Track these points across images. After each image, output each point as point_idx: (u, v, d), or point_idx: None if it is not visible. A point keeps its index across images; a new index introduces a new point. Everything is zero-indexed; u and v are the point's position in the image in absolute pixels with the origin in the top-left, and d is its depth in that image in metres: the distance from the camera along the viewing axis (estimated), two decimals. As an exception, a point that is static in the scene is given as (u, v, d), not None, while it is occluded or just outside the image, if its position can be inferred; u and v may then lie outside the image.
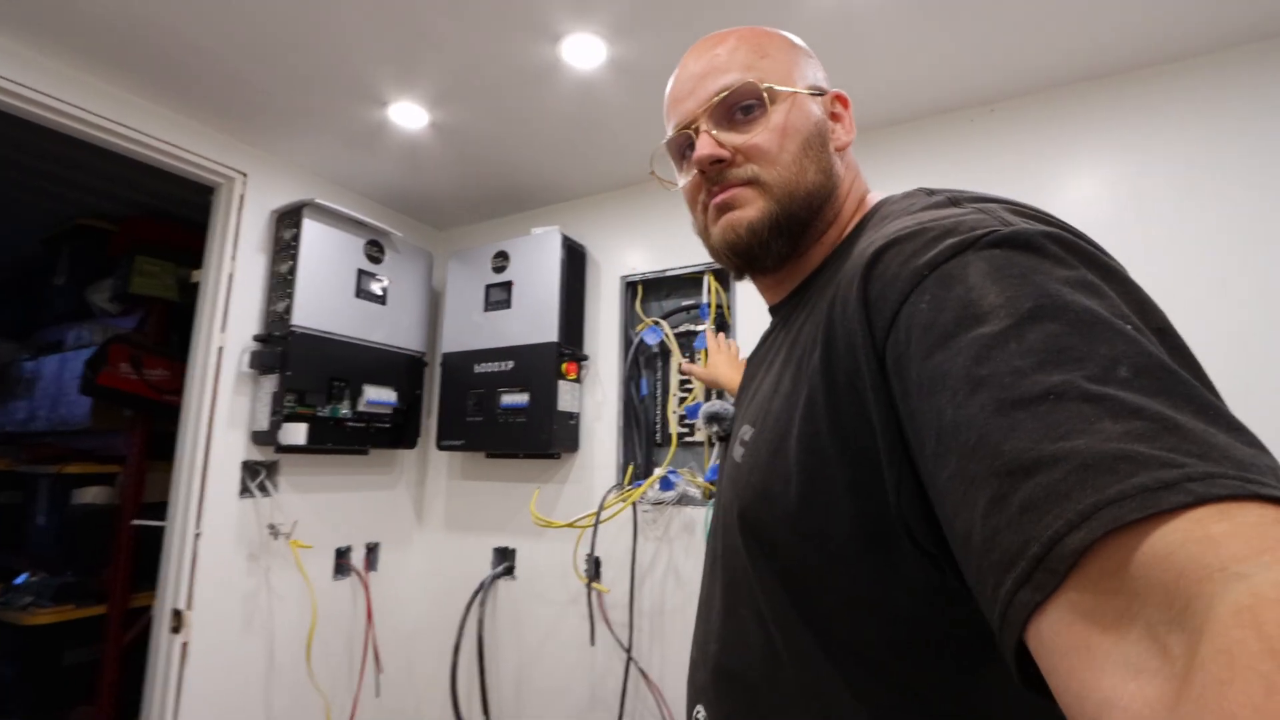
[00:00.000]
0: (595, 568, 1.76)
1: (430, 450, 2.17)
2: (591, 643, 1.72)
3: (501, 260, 1.93)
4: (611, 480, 1.81)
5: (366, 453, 1.99)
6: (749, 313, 1.69)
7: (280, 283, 1.71)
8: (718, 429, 1.14)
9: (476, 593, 1.89)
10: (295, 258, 1.68)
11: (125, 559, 2.07)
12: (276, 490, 1.72)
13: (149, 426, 2.16)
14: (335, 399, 1.75)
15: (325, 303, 1.74)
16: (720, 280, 1.78)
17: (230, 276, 1.66)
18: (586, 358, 1.92)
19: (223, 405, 1.62)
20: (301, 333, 1.66)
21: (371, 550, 1.98)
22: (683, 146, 0.58)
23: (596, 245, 1.99)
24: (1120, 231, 1.30)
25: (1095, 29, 1.23)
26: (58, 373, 2.24)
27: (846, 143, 0.58)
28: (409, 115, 1.55)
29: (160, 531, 1.60)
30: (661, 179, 0.64)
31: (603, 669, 1.74)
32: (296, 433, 1.61)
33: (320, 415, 1.70)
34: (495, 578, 1.94)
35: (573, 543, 1.78)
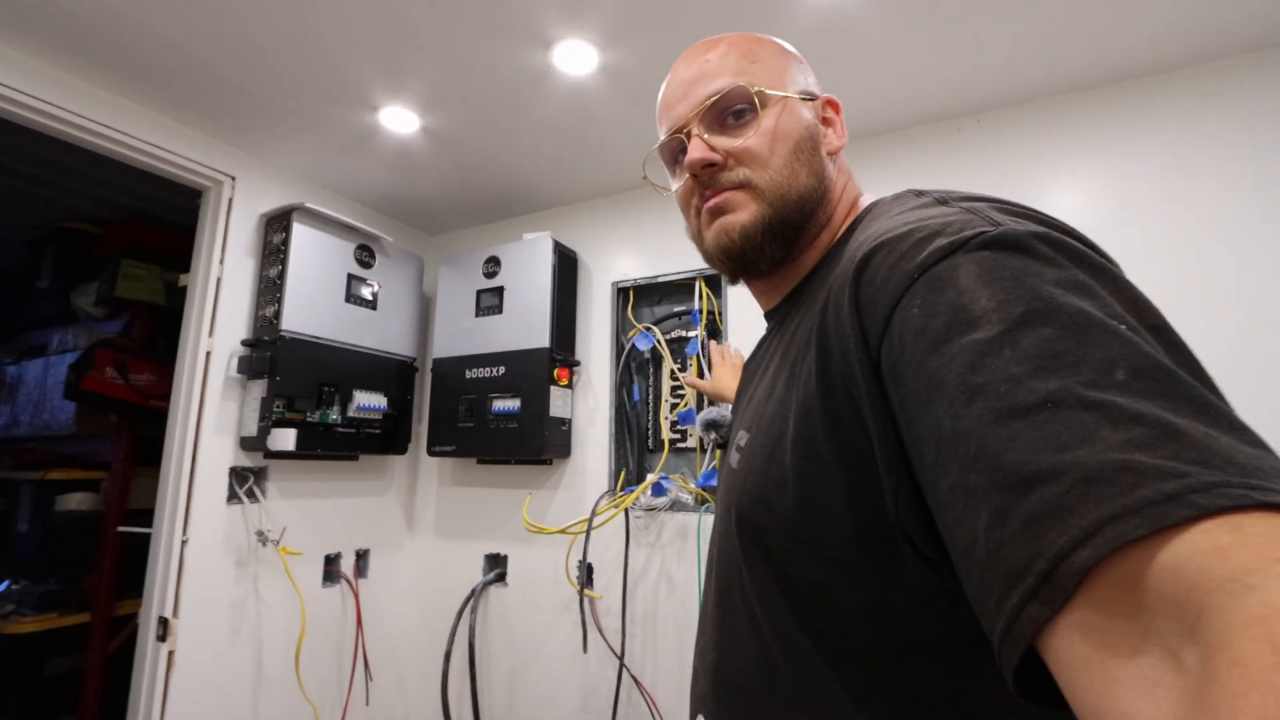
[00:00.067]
0: (587, 574, 1.76)
1: (421, 456, 2.16)
2: (584, 650, 1.71)
3: (493, 266, 1.93)
4: (604, 486, 1.80)
5: (356, 459, 1.98)
6: (741, 319, 1.69)
7: (269, 287, 1.70)
8: (715, 436, 1.14)
9: (468, 600, 1.88)
10: (285, 262, 1.67)
11: (110, 566, 2.04)
12: (265, 497, 1.71)
13: (135, 432, 2.13)
14: (325, 404, 1.74)
15: (315, 307, 1.72)
16: (712, 286, 1.78)
17: (218, 280, 1.65)
18: (578, 363, 1.92)
19: (210, 410, 1.61)
20: (291, 337, 1.65)
21: (361, 557, 1.97)
22: (675, 151, 0.59)
23: (588, 251, 1.99)
24: (1105, 240, 1.29)
25: (1081, 41, 1.24)
26: (41, 377, 2.21)
27: (838, 147, 0.58)
28: (400, 120, 1.54)
29: (146, 538, 1.58)
30: (654, 184, 0.65)
31: (595, 676, 1.73)
32: (285, 438, 1.60)
33: (310, 421, 1.68)
34: (487, 584, 1.93)
35: (565, 549, 1.78)
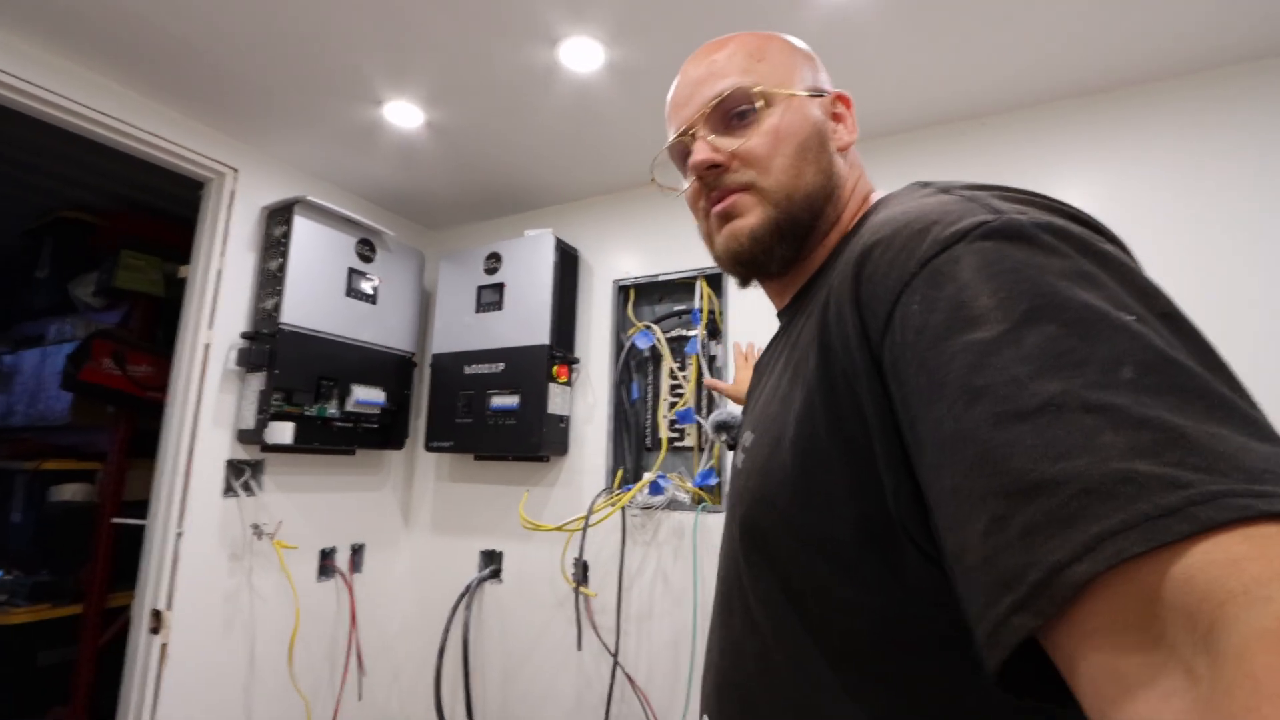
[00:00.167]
0: (583, 572, 1.75)
1: (418, 451, 2.15)
2: (578, 647, 1.71)
3: (494, 262, 1.92)
4: (601, 484, 1.80)
5: (354, 453, 1.97)
6: (741, 319, 1.70)
7: (269, 280, 1.69)
8: (726, 437, 1.13)
9: (462, 595, 1.88)
10: (285, 255, 1.67)
11: (104, 558, 2.03)
12: (261, 490, 1.70)
13: (132, 423, 2.12)
14: (323, 398, 1.73)
15: (315, 301, 1.72)
16: (713, 286, 1.78)
17: (219, 273, 1.65)
18: (577, 361, 1.92)
19: (208, 403, 1.60)
20: (290, 331, 1.65)
21: (356, 552, 1.96)
22: (684, 153, 0.58)
23: (589, 249, 1.99)
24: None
25: (1083, 47, 1.25)
26: (38, 367, 2.20)
27: (848, 143, 0.58)
28: (404, 114, 1.54)
29: (140, 530, 1.58)
30: (663, 185, 0.64)
31: (589, 673, 1.73)
32: (283, 432, 1.59)
33: (307, 414, 1.68)
34: (482, 581, 1.93)
35: (561, 546, 1.78)
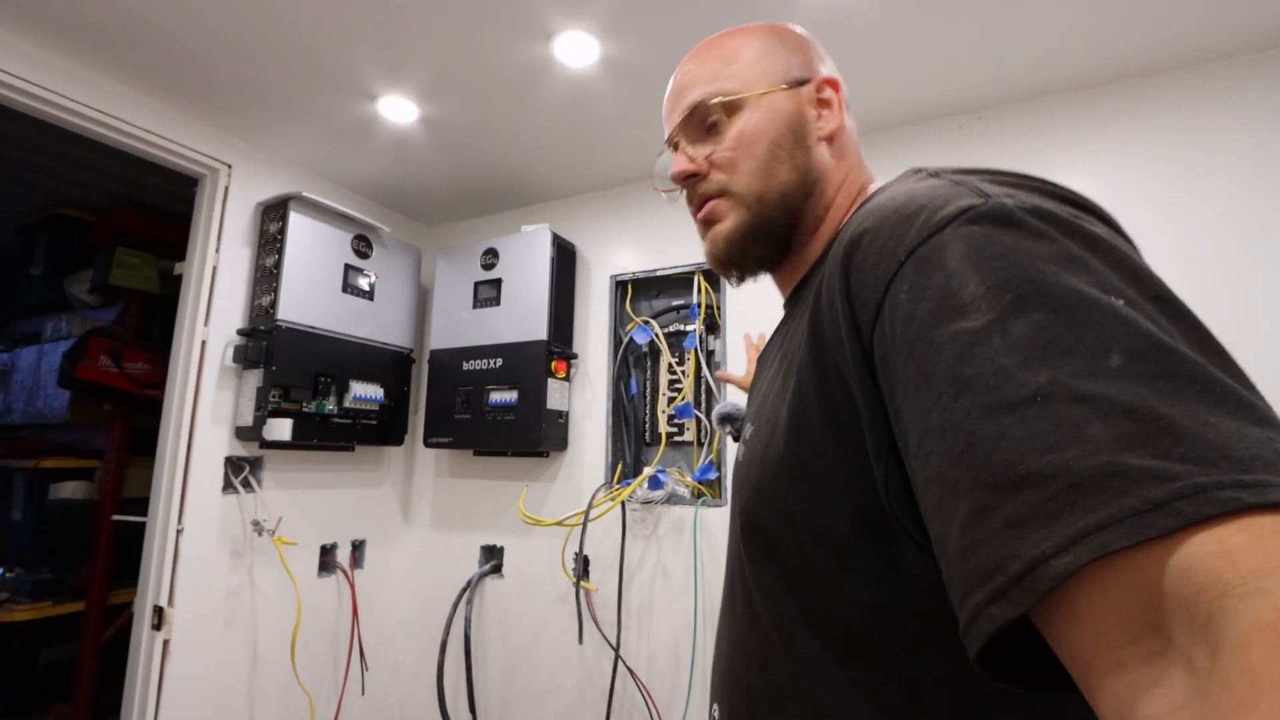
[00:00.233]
0: (583, 566, 1.76)
1: (417, 447, 2.15)
2: (579, 641, 1.72)
3: (491, 257, 1.92)
4: (600, 479, 1.80)
5: (353, 449, 1.97)
6: (739, 313, 1.69)
7: (265, 276, 1.68)
8: (730, 429, 1.13)
9: (464, 591, 1.88)
10: (281, 251, 1.66)
11: (104, 555, 2.04)
12: (260, 486, 1.70)
13: (129, 421, 2.12)
14: (321, 395, 1.73)
15: (311, 297, 1.72)
16: (710, 281, 1.78)
17: (214, 269, 1.64)
18: (576, 356, 1.92)
19: (206, 400, 1.60)
20: (287, 327, 1.64)
21: (357, 547, 1.97)
22: None
23: (587, 244, 1.98)
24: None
25: (1082, 40, 1.24)
26: (35, 365, 2.19)
27: (832, 130, 0.56)
28: (399, 109, 1.53)
29: (141, 527, 1.58)
30: (661, 189, 0.66)
31: (591, 667, 1.74)
32: (281, 429, 1.59)
33: (306, 411, 1.68)
34: (482, 576, 1.93)
35: (561, 541, 1.78)
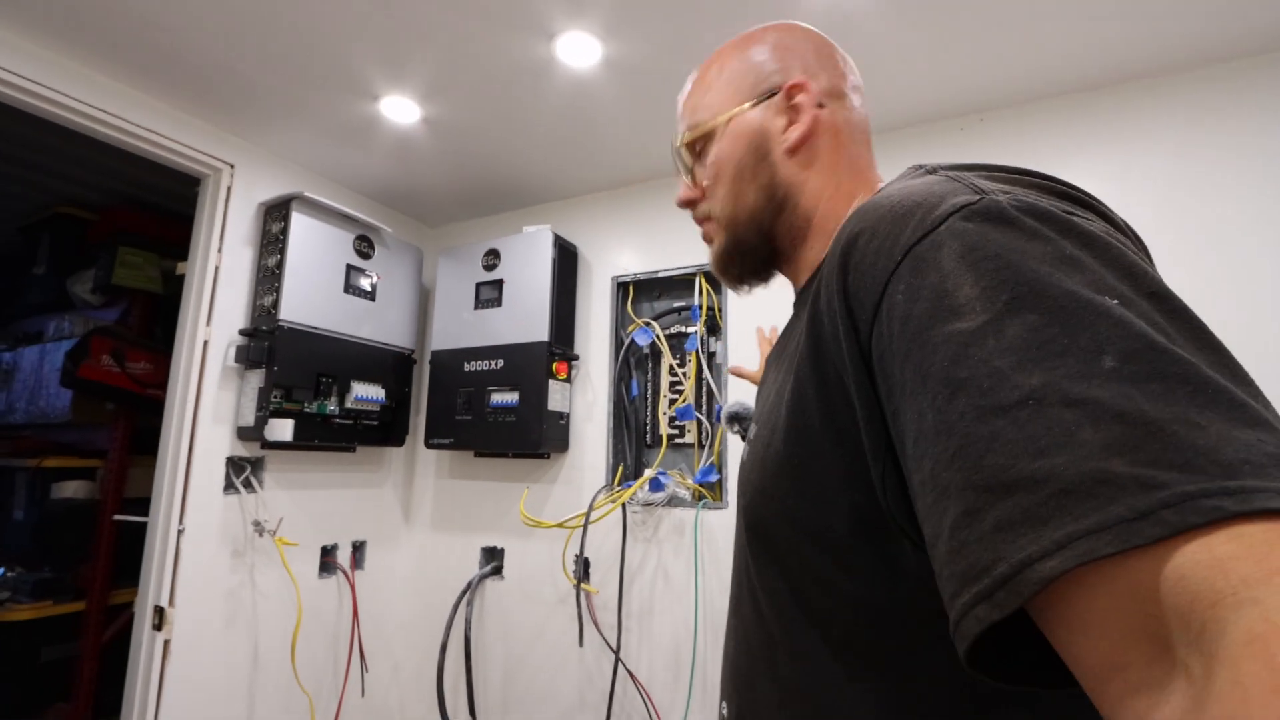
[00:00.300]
0: (584, 568, 1.76)
1: (418, 448, 2.15)
2: (580, 643, 1.71)
3: (492, 258, 1.92)
4: (601, 481, 1.80)
5: (354, 450, 1.97)
6: (740, 315, 1.69)
7: (267, 276, 1.69)
8: (739, 429, 1.13)
9: (464, 592, 1.88)
10: (283, 251, 1.66)
11: (105, 555, 2.04)
12: (262, 487, 1.70)
13: (131, 420, 2.13)
14: (323, 395, 1.73)
15: (313, 298, 1.72)
16: (712, 282, 1.77)
17: (216, 269, 1.64)
18: (577, 357, 1.92)
19: (207, 400, 1.60)
20: (289, 327, 1.64)
21: (358, 548, 1.97)
22: None
23: (588, 245, 1.98)
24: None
25: (1084, 42, 1.24)
26: (37, 364, 2.19)
27: (797, 139, 0.54)
28: (401, 110, 1.53)
29: (142, 527, 1.58)
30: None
31: (591, 670, 1.74)
32: (283, 429, 1.59)
33: (307, 411, 1.68)
34: (483, 577, 1.93)
35: (562, 543, 1.78)
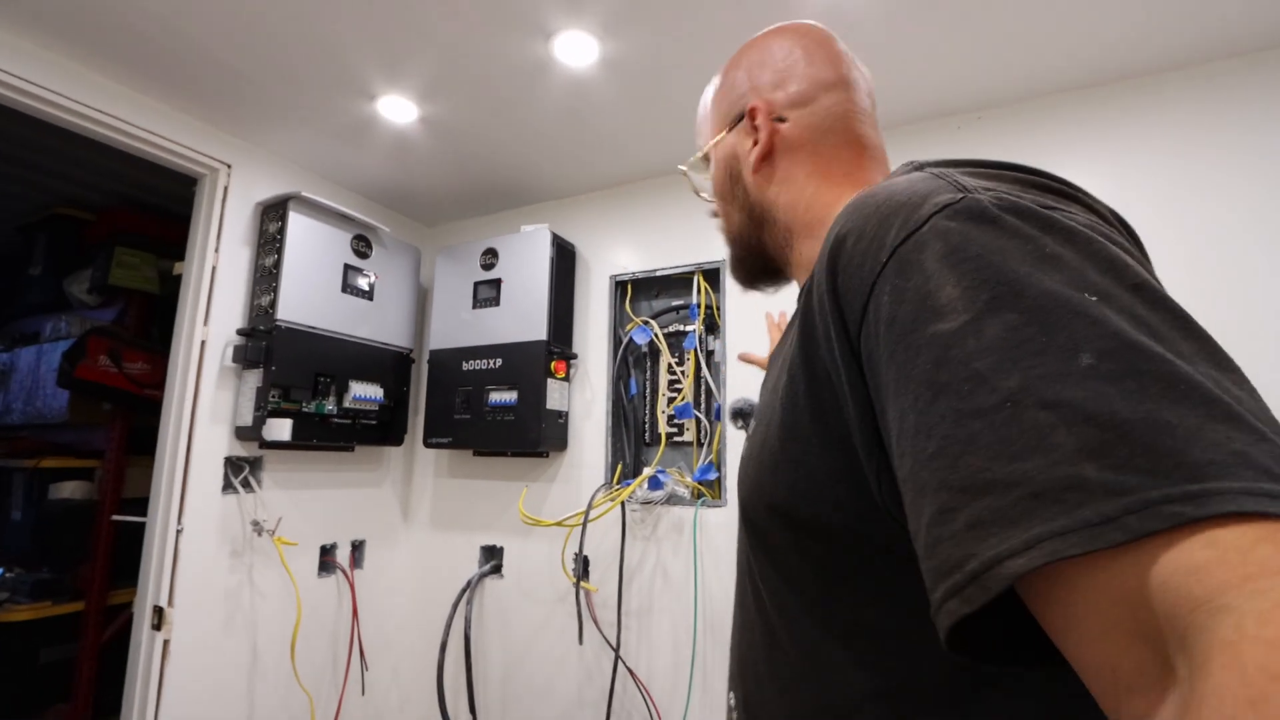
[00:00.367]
0: (583, 567, 1.76)
1: (417, 447, 2.15)
2: (579, 641, 1.72)
3: (490, 258, 1.92)
4: (600, 479, 1.80)
5: (352, 449, 1.97)
6: (739, 314, 1.69)
7: (265, 276, 1.68)
8: (742, 424, 1.14)
9: (463, 591, 1.88)
10: (280, 251, 1.66)
11: (104, 555, 2.03)
12: (260, 487, 1.70)
13: (129, 421, 2.12)
14: (321, 395, 1.73)
15: (311, 297, 1.71)
16: (710, 281, 1.78)
17: (214, 269, 1.64)
18: (575, 356, 1.92)
19: (205, 400, 1.60)
20: (287, 327, 1.64)
21: (357, 548, 1.97)
22: None
23: (586, 244, 1.98)
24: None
25: (1083, 40, 1.24)
26: (34, 365, 2.19)
27: (756, 161, 0.55)
28: (398, 109, 1.53)
29: (140, 527, 1.58)
30: None
31: (591, 668, 1.74)
32: (281, 429, 1.59)
33: (305, 411, 1.68)
34: (482, 576, 1.93)
35: (561, 541, 1.78)
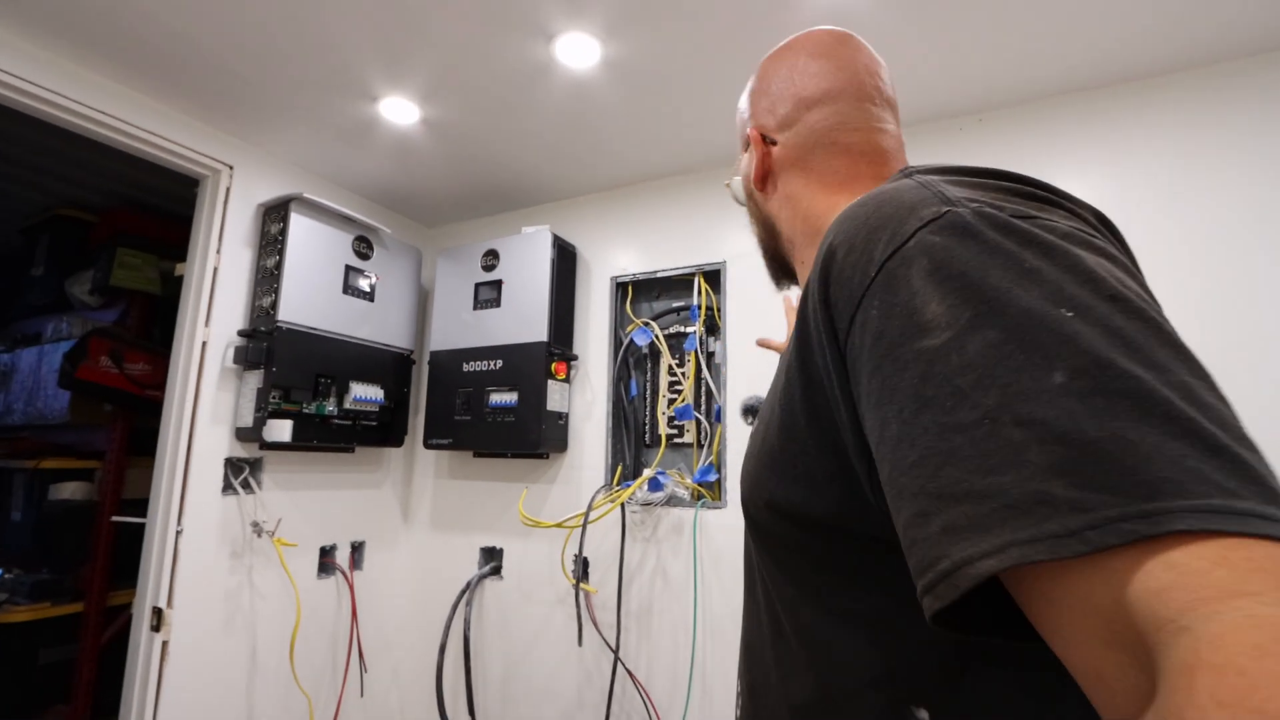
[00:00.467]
0: (583, 568, 1.76)
1: (417, 449, 2.15)
2: (579, 643, 1.72)
3: (491, 259, 1.92)
4: (600, 481, 1.80)
5: (353, 450, 1.97)
6: (739, 315, 1.70)
7: (266, 277, 1.69)
8: (753, 420, 1.14)
9: (463, 592, 1.88)
10: (282, 252, 1.66)
11: (104, 556, 2.03)
12: (260, 488, 1.70)
13: (130, 421, 2.12)
14: (321, 396, 1.73)
15: (312, 298, 1.72)
16: (711, 282, 1.78)
17: (215, 270, 1.64)
18: (576, 357, 1.92)
19: (206, 401, 1.60)
20: (288, 328, 1.64)
21: (356, 549, 1.97)
22: None
23: (587, 245, 1.98)
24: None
25: (1084, 42, 1.24)
26: (35, 365, 2.19)
27: (756, 181, 0.61)
28: (400, 111, 1.53)
29: (140, 528, 1.58)
30: None
31: (590, 669, 1.74)
32: (281, 430, 1.59)
33: (306, 412, 1.68)
34: (482, 577, 1.93)
35: (561, 543, 1.78)
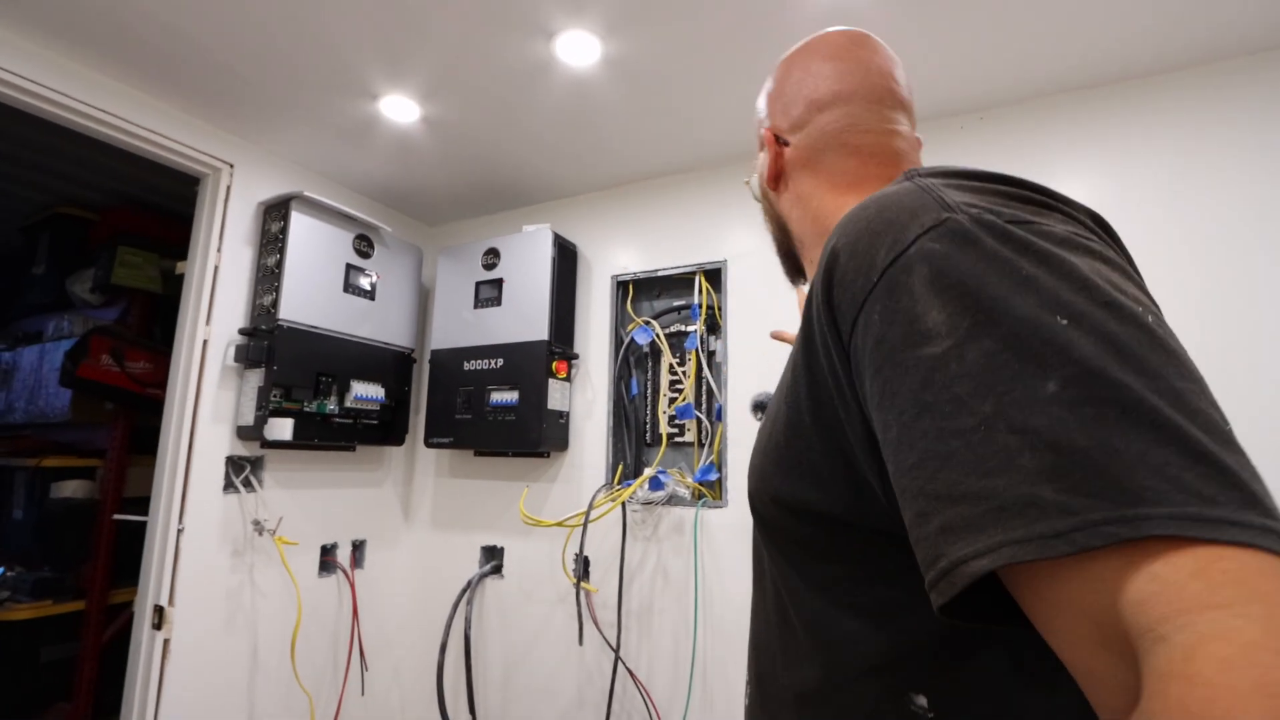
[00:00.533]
0: (584, 567, 1.76)
1: (418, 447, 2.15)
2: (579, 642, 1.72)
3: (492, 257, 1.92)
4: (601, 480, 1.80)
5: (354, 449, 1.97)
6: (740, 314, 1.69)
7: (267, 276, 1.69)
8: (762, 416, 1.14)
9: (464, 591, 1.88)
10: (283, 251, 1.66)
11: (105, 554, 2.04)
12: (261, 486, 1.70)
13: (131, 420, 2.13)
14: (322, 394, 1.73)
15: (313, 297, 1.72)
16: (711, 281, 1.78)
17: (216, 269, 1.64)
18: (577, 356, 1.92)
19: (207, 399, 1.60)
20: (289, 327, 1.64)
21: (357, 548, 1.97)
22: None
23: (588, 244, 1.98)
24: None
25: (1082, 42, 1.24)
26: (37, 364, 2.19)
27: (770, 180, 0.61)
28: (400, 109, 1.53)
29: (142, 527, 1.58)
30: None
31: (591, 668, 1.74)
32: (282, 428, 1.59)
33: (307, 411, 1.68)
34: (483, 576, 1.93)
35: (561, 542, 1.78)
